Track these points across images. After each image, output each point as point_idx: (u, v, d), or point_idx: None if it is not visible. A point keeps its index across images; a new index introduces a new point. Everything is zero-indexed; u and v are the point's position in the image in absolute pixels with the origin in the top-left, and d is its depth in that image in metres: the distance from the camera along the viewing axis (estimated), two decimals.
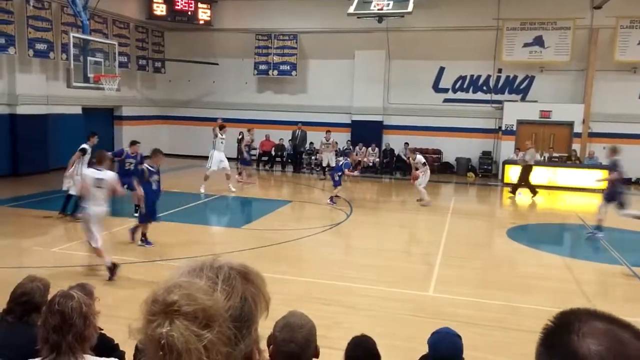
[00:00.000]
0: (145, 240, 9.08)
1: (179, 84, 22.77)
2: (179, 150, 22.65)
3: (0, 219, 10.81)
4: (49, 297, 3.32)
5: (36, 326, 3.20)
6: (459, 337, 2.99)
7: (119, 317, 4.80)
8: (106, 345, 3.15)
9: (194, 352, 0.93)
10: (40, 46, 15.94)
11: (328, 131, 19.29)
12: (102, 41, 15.38)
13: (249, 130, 17.11)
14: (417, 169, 14.00)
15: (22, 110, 15.75)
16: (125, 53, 19.41)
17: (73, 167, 11.09)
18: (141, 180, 9.04)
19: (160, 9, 20.84)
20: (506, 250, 10.12)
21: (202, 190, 14.31)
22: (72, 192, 10.80)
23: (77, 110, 18.09)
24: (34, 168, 16.02)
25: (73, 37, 13.30)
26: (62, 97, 16.83)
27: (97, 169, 7.66)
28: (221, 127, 14.88)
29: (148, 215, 9.03)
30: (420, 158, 14.23)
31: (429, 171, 14.11)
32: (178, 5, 20.93)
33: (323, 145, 19.33)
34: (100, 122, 19.95)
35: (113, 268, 7.38)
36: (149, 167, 9.19)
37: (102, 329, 2.98)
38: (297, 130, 20.14)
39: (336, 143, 19.54)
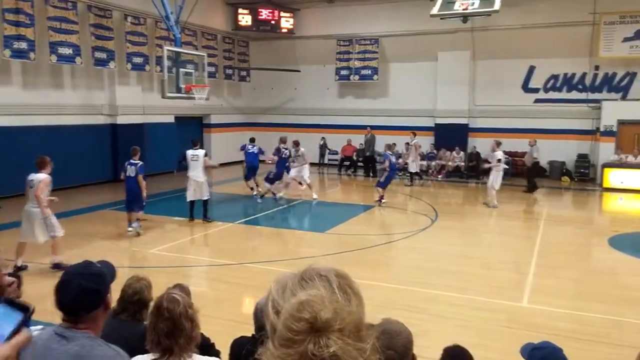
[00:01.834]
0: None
1: (263, 92, 23.43)
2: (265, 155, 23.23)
3: (102, 221, 11.63)
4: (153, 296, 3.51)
5: (143, 322, 3.38)
6: (562, 350, 2.78)
7: (212, 316, 4.97)
8: (204, 343, 3.27)
9: None
10: (137, 60, 17.03)
11: (413, 133, 18.39)
12: (192, 53, 16.16)
13: (297, 145, 15.07)
14: (488, 162, 13.50)
15: (121, 120, 16.90)
16: (213, 63, 20.27)
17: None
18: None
19: (245, 20, 21.59)
20: (607, 260, 9.41)
21: (316, 196, 14.61)
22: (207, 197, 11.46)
23: (170, 119, 19.16)
24: None
25: (167, 50, 14.07)
26: (156, 107, 17.90)
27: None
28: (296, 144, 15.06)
29: None
30: (497, 154, 13.62)
31: (502, 172, 13.41)
32: (262, 15, 21.57)
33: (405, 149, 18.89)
34: (191, 129, 20.97)
35: None
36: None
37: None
38: (367, 134, 20.02)
39: (419, 146, 19.17)
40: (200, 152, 11.61)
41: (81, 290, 1.95)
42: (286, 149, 14.53)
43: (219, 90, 21.50)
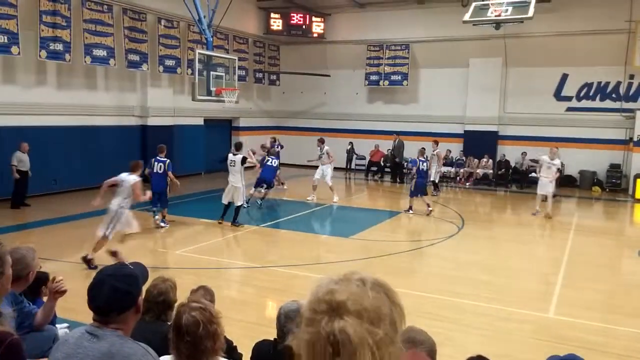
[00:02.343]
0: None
1: (292, 96, 23.57)
2: (292, 159, 23.38)
3: None
4: (177, 296, 3.57)
5: (168, 322, 3.45)
6: None
7: (235, 319, 5.02)
8: (227, 347, 3.32)
9: (367, 347, 0.99)
10: (169, 62, 17.36)
11: (435, 142, 17.68)
12: (223, 56, 16.35)
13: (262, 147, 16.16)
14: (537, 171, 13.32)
15: (152, 121, 17.22)
16: (244, 67, 20.50)
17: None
18: None
19: (277, 24, 21.79)
20: (638, 273, 9.16)
21: (336, 199, 14.78)
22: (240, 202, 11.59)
23: (200, 121, 19.43)
24: None
25: (198, 53, 14.29)
26: (186, 109, 18.19)
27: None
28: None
29: None
30: (557, 162, 13.55)
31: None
32: (293, 20, 21.74)
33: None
34: (219, 132, 21.27)
35: None
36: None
37: None
38: (395, 140, 19.91)
39: (442, 156, 18.94)
40: (238, 158, 11.65)
41: (113, 292, 1.99)
42: (271, 155, 14.98)
43: (248, 93, 21.72)
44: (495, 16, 14.44)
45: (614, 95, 18.46)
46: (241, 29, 20.67)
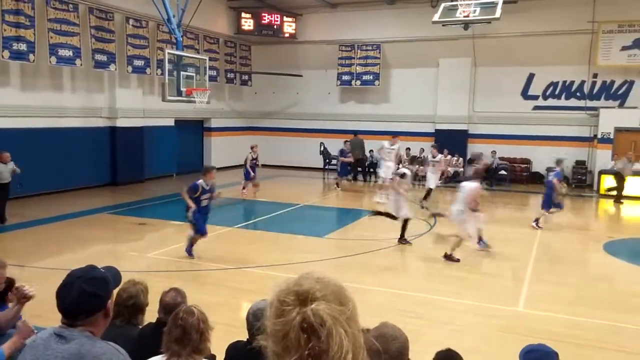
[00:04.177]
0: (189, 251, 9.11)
1: (264, 96, 23.50)
2: (264, 160, 23.29)
3: (100, 225, 11.64)
4: (148, 299, 3.53)
5: (139, 326, 3.41)
6: (557, 355, 2.82)
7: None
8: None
9: (340, 325, 1.04)
10: (138, 62, 17.09)
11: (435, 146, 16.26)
12: (194, 56, 16.19)
13: (252, 148, 16.05)
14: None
15: (120, 123, 16.93)
16: (215, 67, 20.34)
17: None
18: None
19: (248, 24, 21.68)
20: (603, 266, 9.45)
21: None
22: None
23: (170, 122, 19.20)
24: (130, 177, 17.15)
25: (168, 53, 14.12)
26: (156, 110, 17.95)
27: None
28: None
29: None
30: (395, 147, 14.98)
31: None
32: (265, 20, 21.66)
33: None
34: (191, 133, 21.07)
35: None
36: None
37: None
38: (355, 138, 20.09)
39: (420, 151, 19.13)
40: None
41: (81, 294, 1.97)
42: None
43: (220, 94, 21.56)
44: (464, 17, 14.68)
45: (578, 94, 18.98)
46: (212, 28, 20.50)
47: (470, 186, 9.21)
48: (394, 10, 20.38)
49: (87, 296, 1.97)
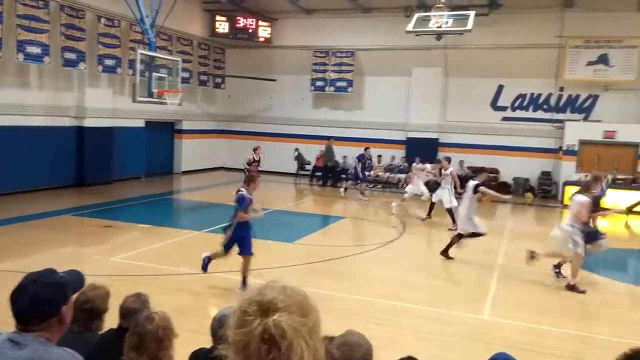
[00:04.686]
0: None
1: (238, 99, 23.37)
2: (236, 164, 23.15)
3: (63, 228, 11.33)
4: (108, 304, 3.45)
5: (98, 333, 3.32)
6: None
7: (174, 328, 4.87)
8: None
9: (301, 337, 1.04)
10: (109, 62, 16.80)
11: (447, 158, 14.53)
12: (166, 58, 16.04)
13: (255, 150, 15.60)
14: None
15: (89, 122, 16.57)
16: (188, 69, 20.15)
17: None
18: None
19: (222, 27, 21.57)
20: (567, 276, 9.66)
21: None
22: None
23: (140, 123, 18.89)
24: (98, 178, 16.80)
25: (140, 53, 13.94)
26: (126, 111, 17.63)
27: None
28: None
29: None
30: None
31: None
32: (240, 23, 21.58)
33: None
34: (161, 135, 20.78)
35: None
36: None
37: None
38: (329, 144, 20.22)
39: (391, 159, 19.31)
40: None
41: (34, 298, 1.90)
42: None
43: (192, 96, 21.34)
44: (437, 27, 14.92)
45: (545, 107, 19.46)
46: (186, 30, 20.32)
47: (579, 199, 8.45)
48: (368, 18, 20.57)
49: (39, 301, 1.91)
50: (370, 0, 19.62)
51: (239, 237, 7.61)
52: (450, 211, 12.99)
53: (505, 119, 19.85)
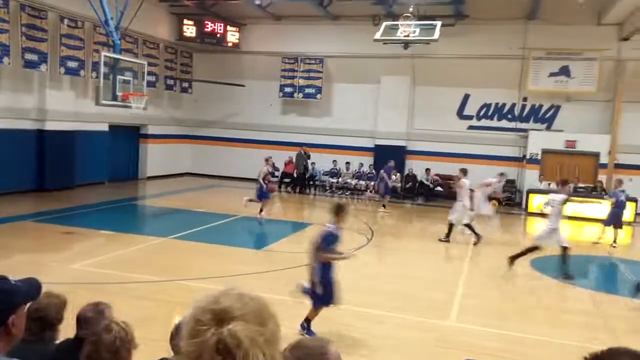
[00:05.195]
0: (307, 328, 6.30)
1: (205, 105, 23.10)
2: (203, 169, 22.89)
3: (21, 234, 10.93)
4: (65, 313, 3.30)
5: (51, 343, 3.17)
6: None
7: (136, 336, 4.74)
8: None
9: (258, 347, 1.01)
10: (71, 64, 16.35)
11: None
12: (132, 60, 15.73)
13: (267, 160, 14.97)
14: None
15: (50, 126, 16.07)
16: (154, 73, 19.81)
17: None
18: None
19: (190, 31, 21.29)
20: (530, 282, 9.85)
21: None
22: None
23: (104, 127, 18.44)
24: (60, 183, 16.28)
25: (104, 56, 13.62)
26: (90, 114, 17.16)
27: None
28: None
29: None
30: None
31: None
32: (208, 28, 21.35)
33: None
34: (126, 139, 20.34)
35: None
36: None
37: None
38: (301, 152, 20.23)
39: (359, 166, 19.37)
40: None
41: None
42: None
43: (158, 100, 20.98)
44: (404, 36, 15.13)
45: (509, 116, 19.92)
46: (152, 33, 19.99)
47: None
48: (337, 26, 20.67)
49: None
50: (339, 8, 19.71)
51: (326, 282, 6.25)
52: (468, 226, 12.54)
53: (470, 127, 20.21)
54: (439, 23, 15.15)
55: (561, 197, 9.84)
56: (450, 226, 12.51)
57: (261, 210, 13.40)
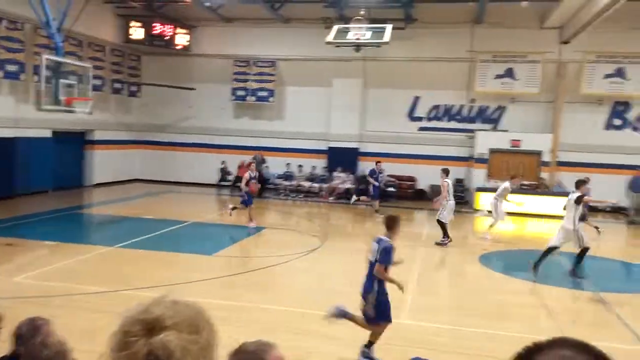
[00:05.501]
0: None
1: (155, 108, 22.57)
2: (153, 175, 22.35)
3: None
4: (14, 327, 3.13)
5: None
6: None
7: (80, 350, 4.58)
8: None
9: (190, 356, 0.96)
10: (10, 67, 15.64)
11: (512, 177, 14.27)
12: (75, 63, 15.18)
13: (248, 165, 14.83)
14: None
15: None
16: (100, 76, 19.20)
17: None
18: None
19: (137, 33, 20.74)
20: (479, 277, 10.10)
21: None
22: None
23: (47, 133, 17.68)
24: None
25: (45, 59, 13.09)
26: (31, 120, 16.41)
27: None
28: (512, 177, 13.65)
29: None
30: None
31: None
32: (156, 30, 20.85)
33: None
34: (71, 146, 19.60)
35: None
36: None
37: None
38: (257, 156, 20.14)
39: (312, 169, 19.37)
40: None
41: None
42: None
43: (105, 104, 20.32)
44: (356, 39, 15.26)
45: (458, 117, 20.43)
46: (97, 35, 19.37)
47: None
48: (289, 28, 20.65)
49: None
50: (291, 10, 19.72)
51: (379, 302, 5.94)
52: (442, 224, 12.49)
53: (421, 128, 20.60)
54: (389, 26, 15.37)
55: (575, 196, 9.55)
56: (442, 225, 12.43)
57: (251, 220, 13.23)
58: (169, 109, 22.49)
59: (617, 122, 19.27)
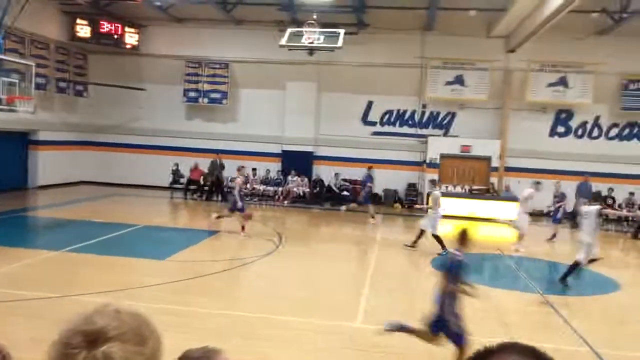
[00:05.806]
0: None
1: (104, 109, 21.88)
2: (102, 177, 21.67)
3: None
4: None
5: None
6: None
7: (25, 359, 4.36)
8: None
9: None
10: None
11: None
12: (17, 61, 14.55)
13: (239, 170, 14.26)
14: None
15: None
16: (44, 74, 18.45)
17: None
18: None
19: (84, 31, 20.07)
20: (431, 280, 10.26)
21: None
22: None
23: None
24: None
25: None
26: None
27: None
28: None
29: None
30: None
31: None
32: (104, 29, 20.24)
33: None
34: (12, 147, 18.74)
35: None
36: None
37: None
38: (216, 160, 19.89)
39: (266, 172, 19.24)
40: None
41: None
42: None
43: (49, 104, 19.55)
44: (309, 43, 15.33)
45: (410, 122, 20.83)
46: (41, 32, 18.62)
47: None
48: (241, 30, 20.51)
49: None
50: (243, 12, 19.58)
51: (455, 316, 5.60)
52: (437, 237, 12.16)
53: (375, 133, 20.88)
54: (342, 31, 15.51)
55: (596, 208, 9.48)
56: (438, 238, 12.12)
57: (243, 228, 12.93)
58: (119, 109, 21.86)
59: (561, 129, 20.16)
